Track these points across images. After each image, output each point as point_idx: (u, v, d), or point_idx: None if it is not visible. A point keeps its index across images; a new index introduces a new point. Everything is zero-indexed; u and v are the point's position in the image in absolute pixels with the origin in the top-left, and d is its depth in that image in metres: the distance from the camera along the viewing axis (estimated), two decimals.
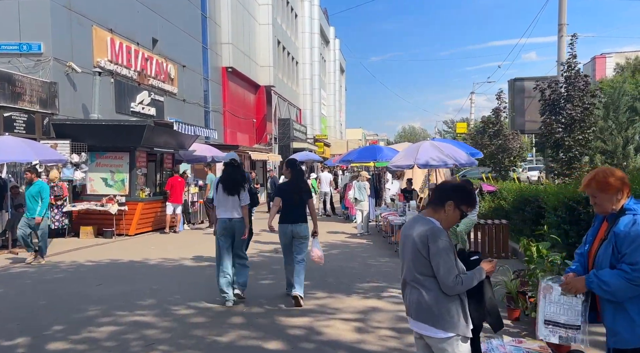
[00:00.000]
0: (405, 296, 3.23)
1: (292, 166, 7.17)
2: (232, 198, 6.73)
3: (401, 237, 3.29)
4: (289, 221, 6.82)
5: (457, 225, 9.78)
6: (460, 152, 12.25)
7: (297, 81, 42.01)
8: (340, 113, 63.73)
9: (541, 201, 10.11)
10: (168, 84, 20.38)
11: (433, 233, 3.04)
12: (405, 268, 3.21)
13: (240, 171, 7.03)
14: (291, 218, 6.81)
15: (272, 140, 31.99)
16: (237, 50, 27.42)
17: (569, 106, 16.25)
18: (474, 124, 48.46)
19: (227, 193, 6.73)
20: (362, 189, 14.14)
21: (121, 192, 14.13)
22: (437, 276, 3.02)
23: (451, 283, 2.99)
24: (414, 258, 3.10)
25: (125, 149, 14.17)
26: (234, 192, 6.73)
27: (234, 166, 6.90)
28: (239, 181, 6.80)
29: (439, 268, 3.00)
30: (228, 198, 6.73)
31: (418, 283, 3.10)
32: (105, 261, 10.06)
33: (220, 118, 26.11)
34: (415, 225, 3.17)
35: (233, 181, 6.77)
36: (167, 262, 9.98)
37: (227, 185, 6.74)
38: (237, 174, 6.88)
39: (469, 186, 3.28)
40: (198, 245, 12.34)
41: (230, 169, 6.89)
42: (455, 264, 3.05)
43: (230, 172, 6.87)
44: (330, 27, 57.87)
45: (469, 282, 3.07)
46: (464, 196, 3.17)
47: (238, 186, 6.76)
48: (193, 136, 16.41)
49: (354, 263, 9.55)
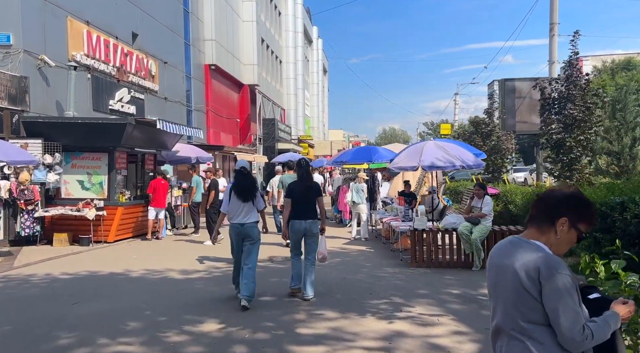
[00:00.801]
0: (499, 349, 2.35)
1: (300, 166, 7.58)
2: (247, 204, 6.97)
3: (491, 267, 2.39)
4: (302, 218, 7.12)
5: (470, 232, 9.02)
6: (467, 153, 11.47)
7: (281, 81, 41.08)
8: (323, 114, 62.94)
9: None
10: (149, 81, 19.31)
11: (548, 265, 2.16)
12: (499, 311, 2.33)
13: (250, 178, 7.38)
14: (304, 215, 7.13)
15: (257, 141, 31.01)
16: (220, 47, 26.41)
17: (570, 105, 15.64)
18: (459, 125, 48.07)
19: (241, 200, 6.96)
20: (360, 192, 13.31)
21: (99, 196, 13.08)
22: (554, 325, 2.14)
23: (578, 337, 2.10)
24: (517, 298, 2.22)
25: (104, 149, 13.12)
26: (247, 198, 6.97)
27: (244, 174, 7.20)
28: (250, 188, 7.08)
29: (559, 314, 2.12)
30: (242, 204, 6.97)
31: (523, 334, 2.21)
32: (82, 274, 9.04)
33: (203, 118, 25.07)
34: (517, 251, 2.26)
35: (245, 188, 7.03)
36: (152, 274, 9.00)
37: (241, 192, 6.98)
38: (248, 181, 7.18)
39: (585, 197, 2.38)
40: (184, 253, 11.36)
41: (241, 177, 7.17)
42: (580, 309, 2.19)
43: (241, 179, 7.14)
44: (314, 26, 57.08)
45: (601, 334, 2.16)
46: (582, 210, 2.30)
47: (251, 193, 7.03)
48: (176, 136, 15.41)
49: (359, 274, 8.69)
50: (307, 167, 7.68)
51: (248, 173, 7.33)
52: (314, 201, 7.25)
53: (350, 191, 13.41)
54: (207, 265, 9.81)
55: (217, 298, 7.28)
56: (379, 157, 15.29)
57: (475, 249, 8.83)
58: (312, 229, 7.15)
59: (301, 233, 7.15)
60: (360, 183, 13.38)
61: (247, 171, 7.30)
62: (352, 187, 13.43)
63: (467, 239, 8.90)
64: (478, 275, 8.50)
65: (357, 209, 13.41)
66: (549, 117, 15.91)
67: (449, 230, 9.33)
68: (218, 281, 8.39)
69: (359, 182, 13.43)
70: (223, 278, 8.64)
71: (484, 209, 8.95)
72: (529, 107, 26.53)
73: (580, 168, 15.66)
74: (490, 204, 8.98)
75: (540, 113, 17.02)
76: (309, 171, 7.74)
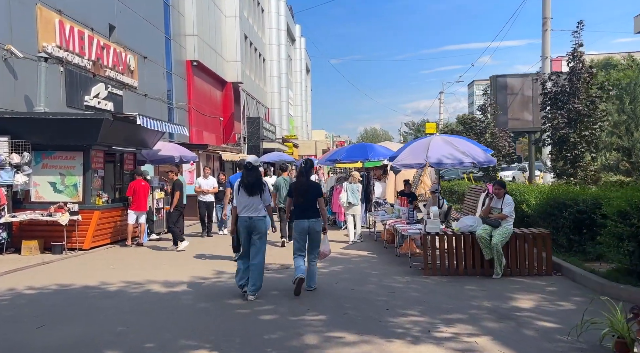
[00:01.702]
0: None
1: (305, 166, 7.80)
2: (253, 198, 7.19)
3: None
4: (305, 217, 7.37)
5: (490, 236, 8.10)
6: (476, 149, 10.61)
7: (265, 79, 39.98)
8: (306, 114, 61.96)
9: (583, 205, 8.55)
10: (127, 76, 18.12)
11: None
12: None
13: (257, 173, 7.44)
14: (306, 214, 7.37)
15: (241, 140, 29.88)
16: (202, 42, 25.27)
17: (574, 99, 14.89)
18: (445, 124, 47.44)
19: (247, 194, 7.19)
20: (355, 192, 12.36)
21: (73, 198, 11.94)
22: None
23: None
24: None
25: (78, 147, 11.99)
26: (254, 192, 7.18)
27: (249, 169, 7.31)
28: (256, 182, 7.24)
29: None
30: (249, 198, 7.19)
31: None
32: (51, 288, 7.92)
33: (185, 116, 23.89)
34: None
35: (251, 183, 7.21)
36: (132, 287, 7.92)
37: (247, 187, 7.19)
38: (254, 176, 7.30)
39: None
40: (167, 262, 10.29)
41: (247, 172, 7.32)
42: None
43: (247, 174, 7.30)
44: (296, 24, 56.08)
45: None
46: None
47: (257, 187, 7.23)
48: (158, 133, 14.28)
49: (368, 285, 7.71)
50: (309, 167, 7.81)
51: (254, 168, 7.39)
52: (314, 201, 7.43)
53: (345, 191, 12.46)
54: (191, 274, 8.76)
55: (209, 316, 6.25)
56: (376, 155, 14.38)
57: (496, 254, 7.91)
58: (314, 227, 7.38)
59: (305, 231, 7.38)
60: (355, 183, 12.44)
61: (253, 166, 7.38)
62: (346, 187, 12.47)
63: (487, 243, 7.98)
64: (502, 284, 7.59)
65: (352, 210, 12.47)
66: (553, 112, 15.14)
67: (465, 233, 8.41)
68: (207, 294, 7.36)
69: (353, 182, 12.48)
70: (211, 290, 7.64)
71: (505, 210, 8.03)
72: (521, 104, 25.92)
73: (584, 165, 14.93)
74: (512, 204, 8.07)
75: (542, 108, 16.25)
76: (310, 172, 7.86)
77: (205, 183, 14.65)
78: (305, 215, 7.38)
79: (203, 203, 14.49)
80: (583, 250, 8.58)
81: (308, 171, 7.77)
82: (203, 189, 14.49)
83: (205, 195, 14.46)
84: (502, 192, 8.13)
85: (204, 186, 14.59)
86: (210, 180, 14.74)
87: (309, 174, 7.82)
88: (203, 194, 14.48)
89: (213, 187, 14.60)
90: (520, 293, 6.99)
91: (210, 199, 14.53)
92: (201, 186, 14.56)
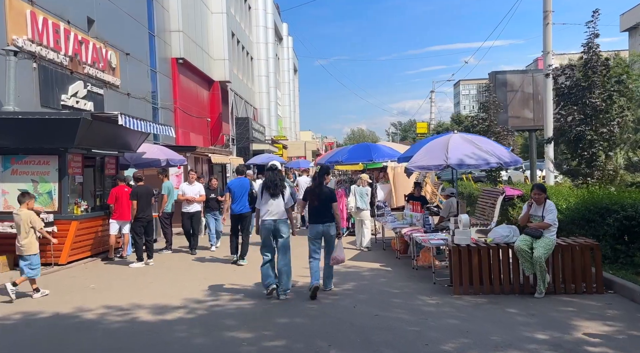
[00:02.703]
0: None
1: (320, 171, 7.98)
2: (276, 201, 7.39)
3: None
4: (319, 222, 7.51)
5: (530, 248, 7.02)
6: (500, 147, 9.57)
7: (253, 78, 38.73)
8: (295, 114, 60.78)
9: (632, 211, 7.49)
10: (108, 74, 16.83)
11: None
12: None
13: (280, 176, 7.68)
14: (320, 219, 7.51)
15: (230, 141, 28.61)
16: (188, 39, 24.00)
17: (590, 94, 13.91)
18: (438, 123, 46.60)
19: (270, 196, 7.37)
20: (364, 196, 11.26)
21: (48, 208, 10.67)
22: None
23: None
24: None
25: (53, 151, 10.73)
26: (277, 194, 7.38)
27: (273, 171, 7.62)
28: (278, 185, 7.44)
29: None
30: (271, 202, 7.38)
31: None
32: (13, 319, 6.67)
33: (171, 116, 22.61)
34: None
35: (274, 185, 7.42)
36: (114, 315, 6.70)
37: (270, 189, 7.40)
38: (277, 178, 7.51)
39: None
40: (155, 278, 9.08)
41: (271, 174, 7.59)
42: None
43: (271, 176, 7.53)
44: (283, 23, 54.91)
45: None
46: None
47: (279, 189, 7.42)
48: (142, 134, 13.05)
49: (394, 309, 6.56)
50: (323, 173, 7.90)
51: (277, 171, 7.72)
52: (329, 206, 7.52)
53: (353, 195, 11.35)
54: (184, 296, 7.57)
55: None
56: (381, 155, 13.26)
57: (539, 270, 6.81)
58: (329, 232, 7.49)
59: (319, 235, 7.51)
60: (364, 186, 11.33)
61: (276, 168, 7.76)
62: (354, 191, 11.36)
63: (528, 257, 6.89)
64: (549, 305, 6.50)
65: (360, 216, 11.37)
66: (568, 107, 14.16)
67: (501, 245, 7.31)
68: (204, 323, 6.19)
69: (362, 185, 11.36)
70: (209, 318, 6.45)
71: (547, 218, 6.94)
72: (522, 101, 25.01)
73: (601, 164, 13.95)
74: (555, 211, 6.97)
75: (556, 103, 15.26)
76: (323, 177, 7.88)
77: (190, 189, 12.22)
78: (319, 220, 7.50)
79: (187, 215, 12.08)
80: (631, 262, 7.53)
81: (322, 177, 7.85)
82: (187, 198, 12.09)
83: (190, 204, 12.10)
84: (543, 197, 7.04)
85: (188, 193, 12.15)
86: (196, 186, 12.30)
87: (323, 179, 7.86)
88: (187, 203, 12.11)
89: (200, 195, 12.21)
90: (576, 318, 5.90)
91: (196, 209, 12.16)
92: (185, 194, 12.14)
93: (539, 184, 7.39)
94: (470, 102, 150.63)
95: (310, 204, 7.62)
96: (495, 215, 11.21)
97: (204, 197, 12.25)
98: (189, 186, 12.29)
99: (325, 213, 7.49)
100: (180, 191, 12.33)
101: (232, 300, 7.28)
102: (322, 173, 7.86)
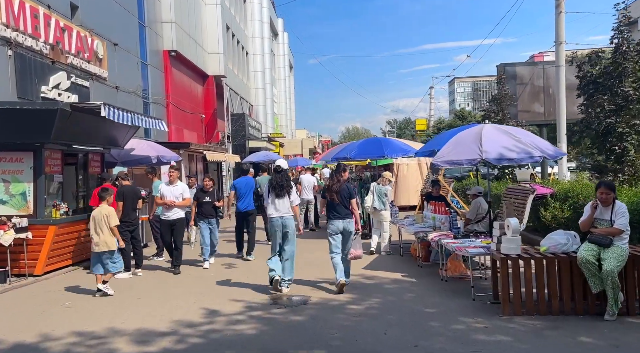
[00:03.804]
0: None
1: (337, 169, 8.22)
2: (282, 199, 7.76)
3: None
4: (339, 218, 7.72)
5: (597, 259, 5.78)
6: (540, 139, 8.38)
7: (248, 74, 37.41)
8: (290, 112, 59.51)
9: None
10: (95, 65, 15.52)
11: None
12: None
13: (286, 176, 7.97)
14: (340, 216, 7.73)
15: (225, 138, 27.31)
16: (181, 31, 22.69)
17: (621, 83, 12.76)
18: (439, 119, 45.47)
19: (275, 196, 7.76)
20: (382, 196, 10.05)
21: (21, 211, 9.41)
22: None
23: None
24: None
25: (27, 146, 9.48)
26: (282, 194, 7.75)
27: (279, 172, 7.92)
28: (284, 185, 7.81)
29: None
30: (277, 201, 7.76)
31: None
32: None
33: (163, 112, 21.27)
34: None
35: (280, 186, 7.79)
36: (86, 346, 5.43)
37: (276, 189, 7.77)
38: (283, 180, 7.85)
39: None
40: (139, 294, 7.82)
41: (277, 175, 7.90)
42: None
43: (278, 178, 7.87)
44: (279, 18, 53.59)
45: None
46: None
47: (285, 189, 7.79)
48: (130, 129, 11.79)
49: (436, 337, 5.29)
50: (341, 170, 8.08)
51: (284, 172, 7.98)
52: (348, 202, 7.74)
53: (371, 194, 10.15)
54: (173, 318, 6.32)
55: None
56: (393, 151, 12.03)
57: (610, 286, 5.58)
58: (348, 228, 7.72)
59: (339, 231, 7.68)
60: (384, 185, 10.12)
61: (283, 170, 7.98)
62: (373, 189, 10.15)
63: (595, 271, 5.66)
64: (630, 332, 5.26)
65: (378, 217, 10.19)
66: (597, 97, 13.00)
67: (559, 255, 6.08)
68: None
69: (383, 183, 10.15)
70: (205, 349, 5.19)
71: (618, 222, 5.72)
72: (532, 95, 23.86)
73: (632, 159, 12.79)
74: (627, 215, 5.74)
75: (582, 92, 14.09)
76: (341, 174, 8.02)
77: (169, 191, 9.81)
78: (339, 216, 7.70)
79: (167, 223, 9.80)
80: None
81: (339, 173, 8.01)
82: (166, 202, 9.72)
83: (170, 210, 9.75)
84: (612, 198, 5.82)
85: (168, 195, 9.76)
86: (179, 187, 9.91)
87: (341, 176, 7.98)
88: (167, 209, 9.76)
89: (183, 198, 9.88)
90: None
91: (178, 216, 9.82)
92: (165, 197, 9.79)
93: (607, 182, 6.17)
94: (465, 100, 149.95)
95: (330, 201, 7.76)
96: (525, 218, 10.00)
97: (188, 201, 9.99)
98: (168, 187, 9.90)
99: (343, 210, 7.71)
100: (158, 193, 10.05)
101: (231, 323, 6.05)
102: (339, 170, 8.06)
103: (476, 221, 9.23)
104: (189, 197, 10.08)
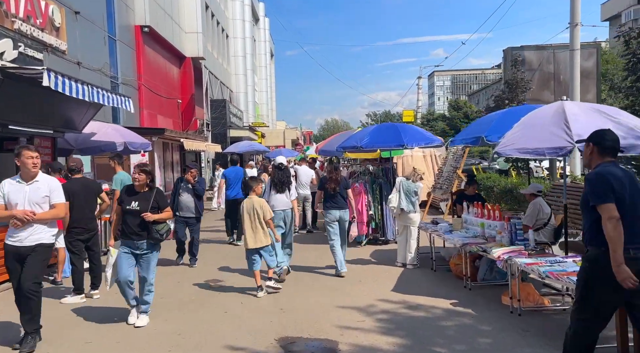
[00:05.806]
0: None
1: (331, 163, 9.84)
2: (282, 195, 7.98)
3: None
4: (337, 208, 8.07)
5: None
6: None
7: (228, 58, 34.94)
8: (271, 101, 57.10)
9: None
10: (50, 34, 13.01)
11: None
12: None
13: (287, 173, 8.25)
14: (338, 206, 8.08)
15: (204, 126, 24.89)
16: (155, 5, 20.21)
17: None
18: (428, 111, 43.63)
19: (276, 191, 7.98)
20: (411, 195, 7.93)
21: None
22: None
23: None
24: None
25: None
26: (282, 191, 7.99)
27: (281, 169, 8.15)
28: (285, 182, 8.05)
29: None
30: (277, 196, 7.97)
31: None
32: None
33: (135, 95, 18.78)
34: None
35: (281, 183, 8.01)
36: None
37: (277, 186, 8.00)
38: (284, 177, 8.10)
39: None
40: (96, 330, 5.54)
41: (279, 172, 8.13)
42: None
43: (279, 175, 8.09)
44: (260, 2, 51.05)
45: None
46: None
47: (285, 186, 8.01)
48: (89, 107, 9.44)
49: None
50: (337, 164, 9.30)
51: (285, 168, 8.23)
52: (345, 193, 8.19)
53: (397, 192, 8.01)
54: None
55: None
56: (414, 139, 9.87)
57: None
58: (344, 217, 8.08)
59: (336, 220, 7.99)
60: (415, 181, 7.98)
61: (284, 167, 8.22)
62: (400, 186, 8.02)
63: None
64: None
65: (405, 220, 8.06)
66: None
67: None
68: None
69: (414, 179, 8.01)
70: None
71: None
72: (541, 81, 22.00)
73: None
74: None
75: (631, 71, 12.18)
76: (338, 168, 8.70)
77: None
78: (337, 206, 8.02)
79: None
80: None
81: (338, 166, 8.85)
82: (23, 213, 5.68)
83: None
84: None
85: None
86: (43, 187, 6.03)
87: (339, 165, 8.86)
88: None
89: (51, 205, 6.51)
90: None
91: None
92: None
93: None
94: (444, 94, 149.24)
95: (327, 191, 8.06)
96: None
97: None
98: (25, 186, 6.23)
99: (342, 200, 8.07)
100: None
101: None
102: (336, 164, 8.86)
103: (536, 229, 7.17)
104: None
